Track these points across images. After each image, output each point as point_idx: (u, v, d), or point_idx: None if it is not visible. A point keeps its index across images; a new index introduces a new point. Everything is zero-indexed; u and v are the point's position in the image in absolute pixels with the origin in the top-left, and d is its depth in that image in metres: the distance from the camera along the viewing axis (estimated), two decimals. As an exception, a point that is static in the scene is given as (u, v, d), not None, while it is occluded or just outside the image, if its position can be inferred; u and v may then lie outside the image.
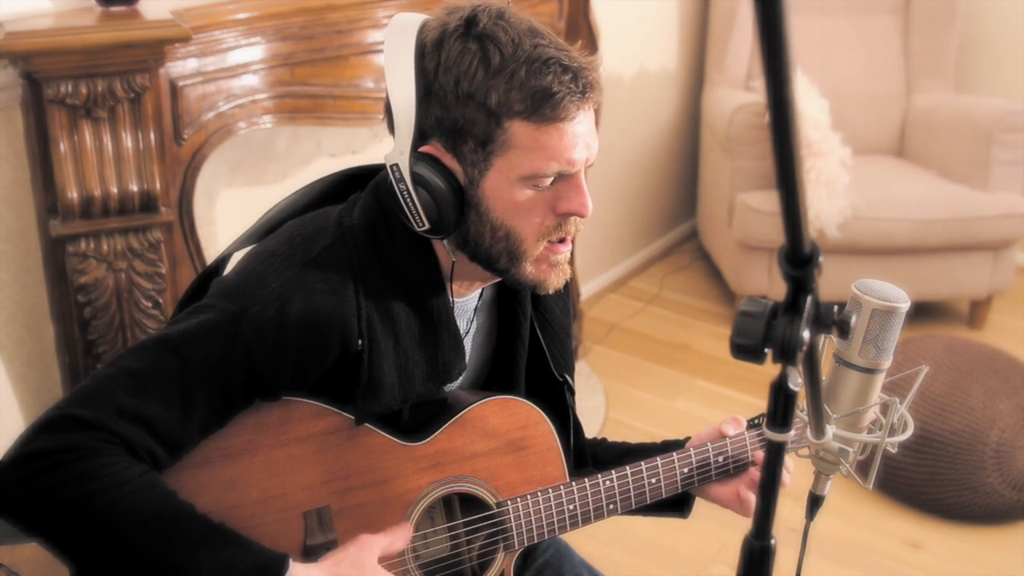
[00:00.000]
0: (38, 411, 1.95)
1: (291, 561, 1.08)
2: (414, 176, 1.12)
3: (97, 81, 1.68)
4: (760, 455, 1.35)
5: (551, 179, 1.13)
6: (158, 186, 1.80)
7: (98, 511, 1.02)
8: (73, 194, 1.73)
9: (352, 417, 1.17)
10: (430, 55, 1.11)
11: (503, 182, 1.12)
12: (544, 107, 1.08)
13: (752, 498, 1.34)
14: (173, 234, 1.89)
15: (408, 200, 1.14)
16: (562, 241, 1.18)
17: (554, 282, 1.20)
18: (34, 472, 1.02)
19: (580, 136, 1.12)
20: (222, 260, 1.28)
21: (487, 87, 1.08)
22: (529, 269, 1.18)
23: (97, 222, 1.76)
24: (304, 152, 2.36)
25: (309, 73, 2.04)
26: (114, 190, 1.76)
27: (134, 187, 1.77)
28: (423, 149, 1.13)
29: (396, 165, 1.14)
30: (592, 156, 1.15)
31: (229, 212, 2.21)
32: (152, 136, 1.77)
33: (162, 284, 1.84)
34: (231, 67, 1.92)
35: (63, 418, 1.04)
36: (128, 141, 1.75)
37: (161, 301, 1.84)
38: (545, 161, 1.11)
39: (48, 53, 1.64)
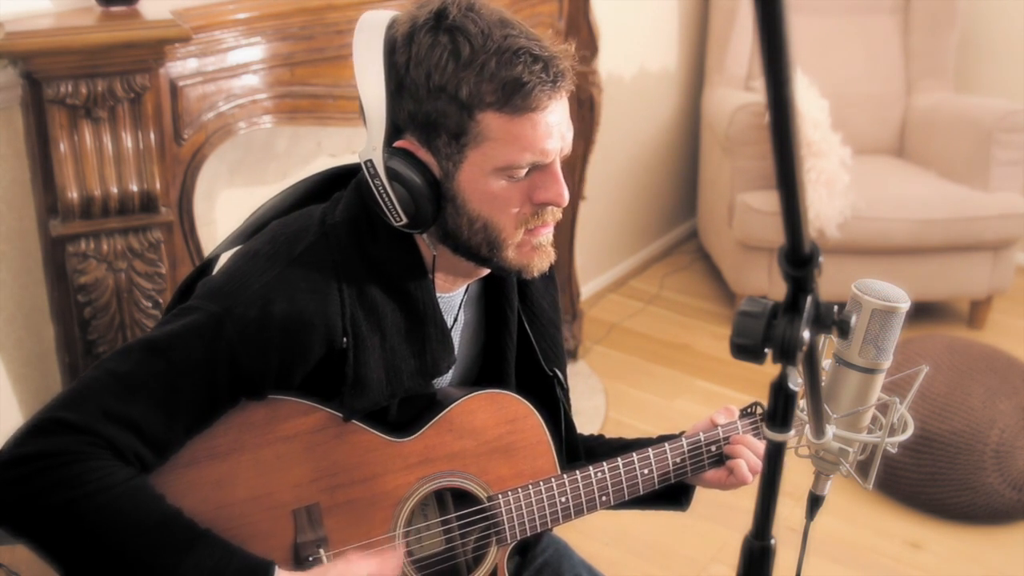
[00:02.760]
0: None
1: (277, 568, 1.08)
2: (388, 171, 1.13)
3: (97, 81, 1.68)
4: (731, 448, 1.35)
5: (526, 169, 1.13)
6: (158, 186, 1.80)
7: (85, 515, 1.02)
8: (73, 194, 1.73)
9: (340, 414, 1.17)
10: (401, 50, 1.11)
11: (478, 174, 1.13)
12: (515, 97, 1.09)
13: (741, 465, 1.34)
14: (173, 234, 1.89)
15: (384, 195, 1.14)
16: (542, 224, 1.18)
17: (538, 264, 1.20)
18: (21, 476, 1.02)
19: (554, 126, 1.12)
20: (210, 261, 1.28)
21: (458, 79, 1.09)
22: (511, 255, 1.18)
23: (97, 222, 1.76)
24: (304, 152, 2.36)
25: (309, 73, 2.04)
26: (114, 190, 1.76)
27: (134, 187, 1.77)
28: (397, 144, 1.14)
29: (370, 161, 1.14)
30: (567, 146, 1.15)
31: (229, 212, 2.21)
32: (152, 136, 1.77)
33: (162, 284, 1.84)
34: (231, 67, 1.92)
35: (50, 421, 1.04)
36: (128, 141, 1.75)
37: (161, 301, 1.84)
38: (519, 152, 1.11)
39: (48, 53, 1.64)
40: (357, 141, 2.46)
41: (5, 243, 1.84)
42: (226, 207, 2.21)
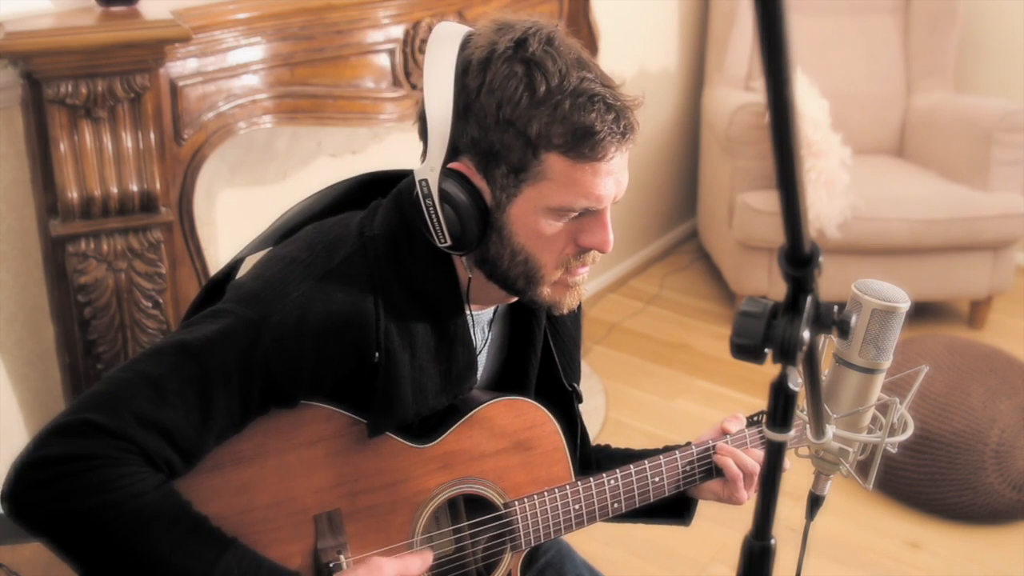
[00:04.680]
0: (38, 411, 1.95)
1: None
2: (442, 193, 1.12)
3: (97, 81, 1.68)
4: (721, 460, 1.36)
5: (577, 213, 1.13)
6: (158, 186, 1.79)
7: (113, 522, 1.01)
8: (73, 194, 1.73)
9: (362, 420, 1.17)
10: (475, 73, 1.09)
11: (530, 210, 1.12)
12: (584, 145, 1.08)
13: (729, 463, 1.35)
14: (173, 234, 1.89)
15: (433, 215, 1.13)
16: (581, 264, 1.18)
17: (569, 303, 1.20)
18: (50, 478, 1.01)
19: (613, 175, 1.12)
20: (235, 264, 1.26)
21: (529, 116, 1.07)
22: (546, 292, 1.18)
23: (97, 222, 1.76)
24: (304, 152, 2.36)
25: (309, 73, 2.04)
26: (114, 190, 1.76)
27: (134, 187, 1.77)
28: (453, 165, 1.12)
29: (425, 180, 1.13)
30: (621, 193, 1.15)
31: (229, 212, 2.21)
32: (152, 136, 1.77)
33: (162, 284, 1.84)
34: (231, 67, 1.92)
35: (81, 423, 1.03)
36: (128, 141, 1.75)
37: (161, 301, 1.84)
38: (575, 197, 1.10)
39: (48, 53, 1.64)
40: (357, 141, 2.46)
41: (5, 243, 1.84)
42: (226, 207, 2.21)
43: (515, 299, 1.24)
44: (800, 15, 3.67)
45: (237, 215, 2.21)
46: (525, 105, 1.07)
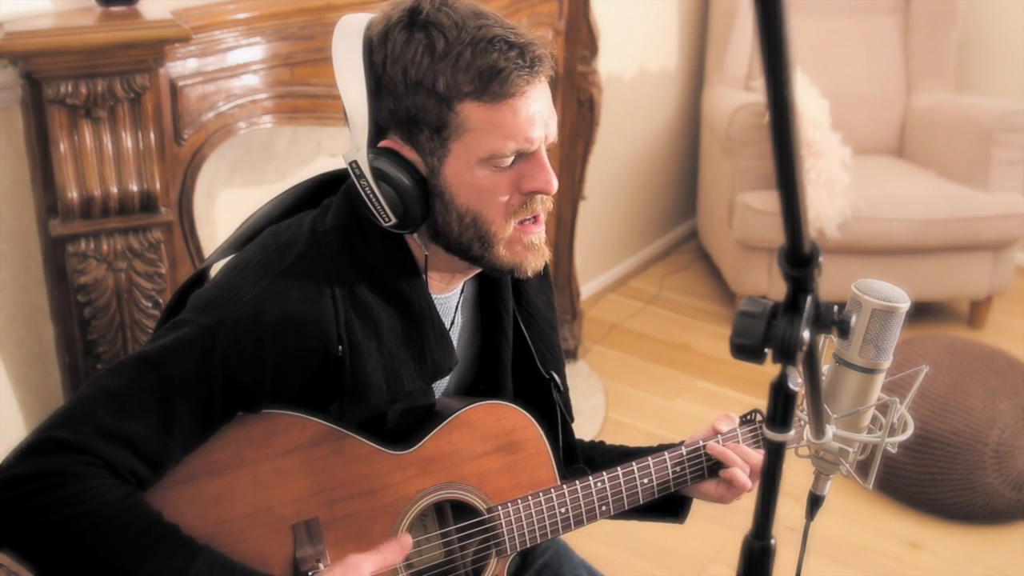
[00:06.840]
0: (38, 411, 1.95)
1: None
2: (374, 171, 1.12)
3: (97, 81, 1.68)
4: (716, 450, 1.34)
5: (511, 158, 1.13)
6: (158, 186, 1.79)
7: (82, 535, 1.01)
8: (73, 194, 1.73)
9: (338, 428, 1.16)
10: (377, 49, 1.11)
11: (463, 166, 1.12)
12: (492, 85, 1.08)
13: (737, 474, 1.32)
14: (173, 234, 1.89)
15: (372, 196, 1.14)
16: (534, 221, 1.17)
17: (532, 263, 1.19)
18: (17, 497, 1.01)
19: (536, 113, 1.11)
20: (203, 272, 1.27)
21: (434, 72, 1.09)
22: (503, 252, 1.17)
23: (97, 222, 1.76)
24: (304, 152, 2.36)
25: (309, 73, 2.04)
26: (114, 190, 1.76)
27: (134, 187, 1.77)
28: (381, 144, 1.14)
29: (355, 162, 1.14)
30: (552, 134, 1.15)
31: (229, 212, 2.21)
32: (152, 136, 1.77)
33: (162, 284, 1.84)
34: (231, 67, 1.92)
35: (45, 441, 1.04)
36: (128, 141, 1.75)
37: (161, 301, 1.84)
38: (502, 140, 1.10)
39: (48, 53, 1.64)
40: (357, 141, 2.46)
41: (5, 243, 1.84)
42: (226, 207, 2.21)
43: (478, 269, 1.23)
44: (800, 15, 3.67)
45: (237, 215, 2.20)
46: (428, 63, 1.09)
